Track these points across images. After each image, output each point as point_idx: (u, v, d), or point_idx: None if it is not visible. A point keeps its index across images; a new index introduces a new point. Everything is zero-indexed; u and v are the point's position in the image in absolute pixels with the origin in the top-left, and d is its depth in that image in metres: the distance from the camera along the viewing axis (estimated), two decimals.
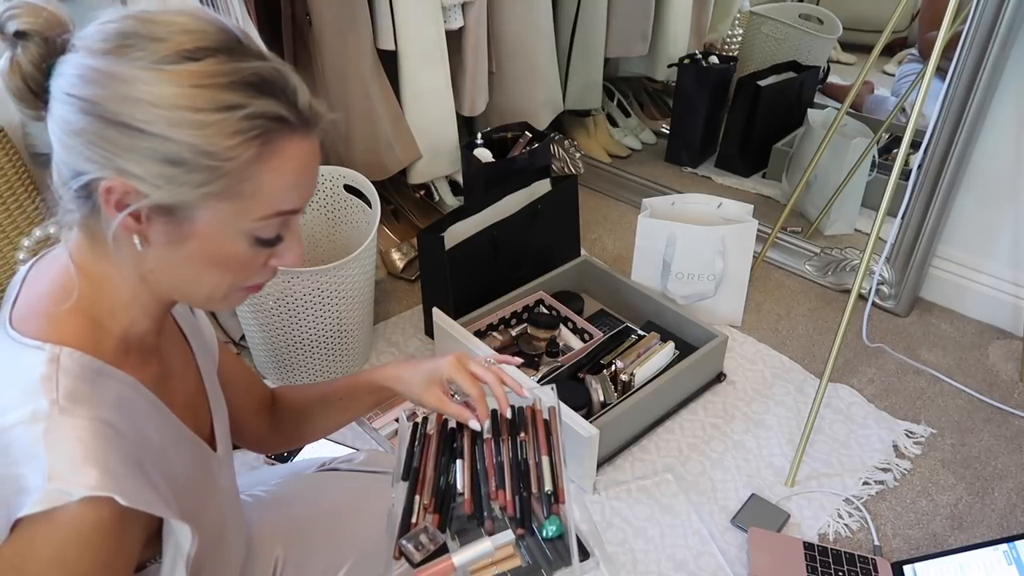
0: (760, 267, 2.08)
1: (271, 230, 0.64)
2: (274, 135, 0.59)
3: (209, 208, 0.60)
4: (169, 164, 0.57)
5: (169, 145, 0.56)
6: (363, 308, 1.63)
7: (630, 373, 1.53)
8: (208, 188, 0.58)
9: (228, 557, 0.81)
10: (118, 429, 0.59)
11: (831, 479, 1.46)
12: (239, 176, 0.59)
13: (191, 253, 0.62)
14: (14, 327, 0.62)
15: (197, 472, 0.72)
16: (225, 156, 0.57)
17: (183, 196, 0.58)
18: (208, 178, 0.58)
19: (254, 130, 0.58)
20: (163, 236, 0.61)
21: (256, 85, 0.58)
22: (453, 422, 0.89)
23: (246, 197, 0.60)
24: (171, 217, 0.60)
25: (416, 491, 0.82)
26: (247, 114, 0.57)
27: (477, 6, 1.96)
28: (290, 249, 0.68)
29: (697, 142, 2.59)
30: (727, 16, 2.98)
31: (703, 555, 1.31)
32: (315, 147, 0.64)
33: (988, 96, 1.67)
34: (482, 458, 0.85)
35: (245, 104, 0.57)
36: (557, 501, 0.81)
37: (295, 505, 1.02)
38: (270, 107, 0.58)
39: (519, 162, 1.89)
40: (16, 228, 1.35)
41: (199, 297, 0.67)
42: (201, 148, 0.57)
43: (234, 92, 0.57)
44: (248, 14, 1.53)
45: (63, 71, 0.58)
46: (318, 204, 1.72)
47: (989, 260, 1.88)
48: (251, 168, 0.59)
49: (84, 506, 0.55)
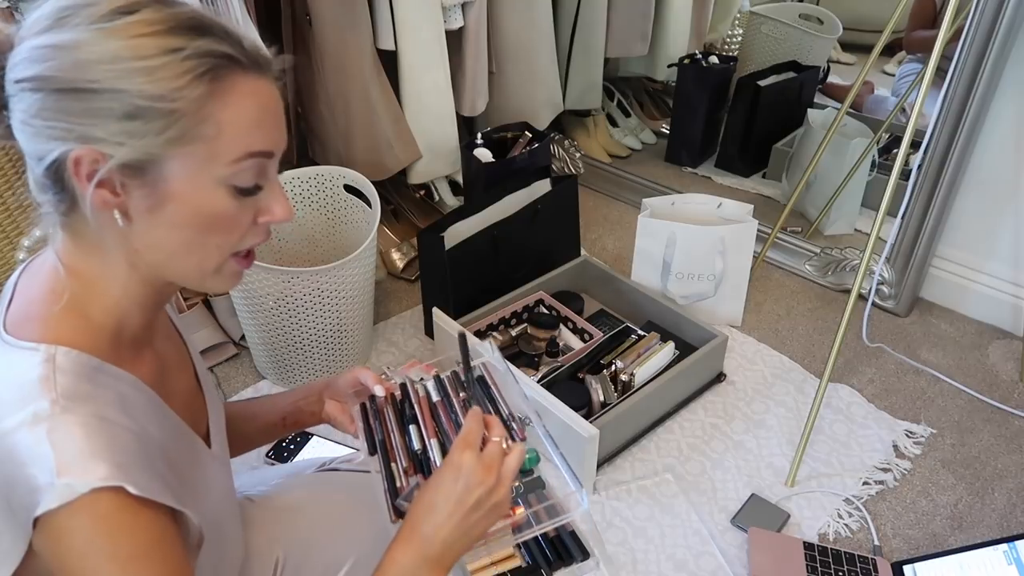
0: (760, 267, 2.08)
1: (247, 176, 0.64)
2: (223, 71, 0.60)
3: (177, 159, 0.60)
4: (127, 118, 0.58)
5: (123, 98, 0.57)
6: (363, 308, 1.63)
7: (630, 373, 1.53)
8: (169, 133, 0.59)
9: (226, 556, 0.81)
10: (121, 425, 0.59)
11: (831, 479, 1.46)
12: (196, 116, 0.59)
13: (173, 217, 0.62)
14: (8, 331, 0.62)
15: (195, 469, 0.72)
16: (176, 96, 0.58)
17: (148, 148, 0.59)
18: (166, 123, 0.58)
19: (201, 67, 0.58)
20: (142, 204, 0.61)
21: (195, 27, 0.59)
22: (399, 391, 0.89)
23: (209, 139, 0.60)
24: (144, 178, 0.60)
25: (391, 459, 0.82)
26: (190, 53, 0.58)
27: (477, 6, 1.95)
28: (276, 201, 0.67)
29: (697, 142, 2.59)
30: (727, 16, 2.98)
31: (703, 555, 1.31)
32: (272, 89, 0.64)
33: (988, 96, 1.67)
34: (438, 417, 0.86)
35: (186, 45, 0.58)
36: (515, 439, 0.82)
37: (295, 505, 1.02)
38: (213, 45, 0.59)
39: (519, 162, 1.89)
40: (16, 228, 1.35)
41: (191, 271, 0.67)
42: (152, 93, 0.57)
43: (174, 36, 0.58)
44: (248, 14, 1.53)
45: (11, 66, 0.59)
46: (318, 204, 1.73)
47: (989, 260, 1.88)
48: (207, 106, 0.59)
49: (97, 495, 0.55)
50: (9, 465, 0.56)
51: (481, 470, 0.69)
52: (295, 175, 1.67)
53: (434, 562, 0.70)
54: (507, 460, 0.72)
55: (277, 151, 0.66)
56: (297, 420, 0.96)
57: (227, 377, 1.67)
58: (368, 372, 0.89)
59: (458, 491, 0.69)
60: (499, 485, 0.70)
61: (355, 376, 0.90)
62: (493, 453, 0.71)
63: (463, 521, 0.69)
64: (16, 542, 0.58)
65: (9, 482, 0.56)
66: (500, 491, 0.70)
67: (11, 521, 0.57)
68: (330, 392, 0.93)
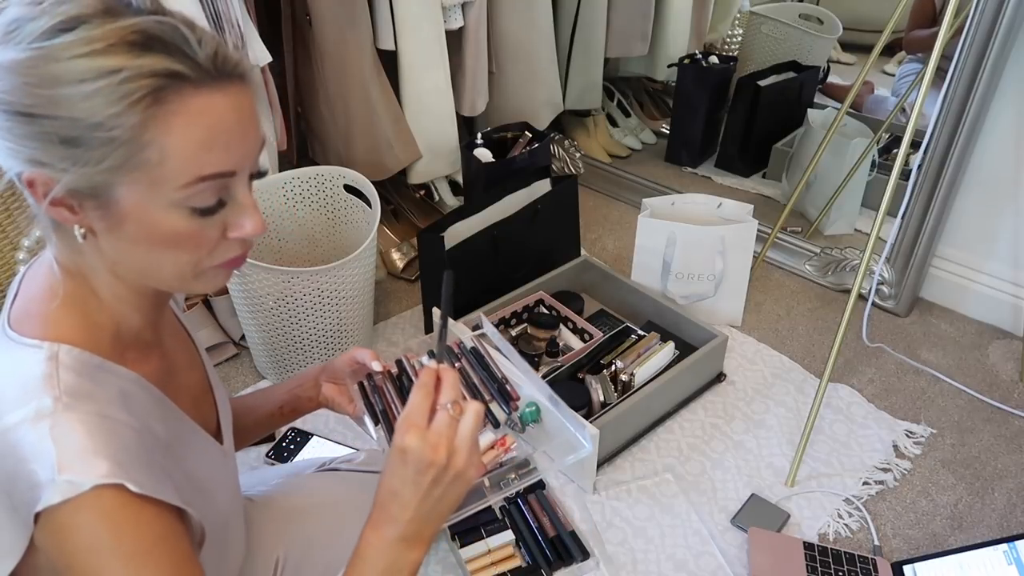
0: (760, 267, 2.08)
1: (204, 198, 0.60)
2: (166, 92, 0.55)
3: (124, 185, 0.57)
4: (67, 144, 0.55)
5: (60, 124, 0.54)
6: (363, 308, 1.63)
7: (630, 373, 1.53)
8: (109, 162, 0.56)
9: (229, 554, 0.81)
10: (123, 423, 0.60)
11: (831, 479, 1.46)
12: (137, 143, 0.55)
13: (133, 235, 0.60)
14: (12, 328, 0.62)
15: (204, 466, 0.73)
16: (113, 124, 0.54)
17: (91, 176, 0.56)
18: (105, 152, 0.55)
19: (139, 91, 0.54)
20: (101, 222, 0.60)
21: (139, 43, 0.54)
22: (395, 367, 0.89)
23: (154, 165, 0.56)
24: (97, 200, 0.58)
25: (393, 427, 0.81)
26: (128, 75, 0.54)
27: (477, 6, 1.95)
28: (245, 216, 0.63)
29: (697, 142, 2.59)
30: (727, 16, 2.98)
31: (703, 555, 1.31)
32: (233, 101, 0.59)
33: (988, 96, 1.67)
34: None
35: (125, 66, 0.53)
36: (512, 399, 0.83)
37: (295, 505, 1.02)
38: (157, 63, 0.54)
39: (519, 162, 1.89)
40: (16, 228, 1.35)
41: (167, 280, 0.65)
42: (88, 122, 0.54)
43: (113, 55, 0.53)
44: (248, 14, 1.53)
45: None
46: (318, 204, 1.73)
47: (989, 260, 1.87)
48: (148, 132, 0.55)
49: (99, 492, 0.55)
50: (11, 460, 0.56)
51: (428, 449, 0.64)
52: (295, 175, 1.67)
53: (413, 539, 0.67)
54: (460, 427, 0.66)
55: (240, 168, 0.61)
56: (295, 408, 0.96)
57: (227, 377, 1.67)
58: (365, 350, 0.88)
59: (410, 475, 0.64)
60: (453, 457, 0.65)
61: (351, 356, 0.89)
62: (439, 428, 0.65)
63: (427, 498, 0.65)
64: (17, 537, 0.58)
65: (11, 477, 0.57)
66: (457, 462, 0.65)
67: (12, 516, 0.58)
68: (326, 375, 0.93)
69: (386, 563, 0.66)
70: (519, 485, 0.80)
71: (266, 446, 1.48)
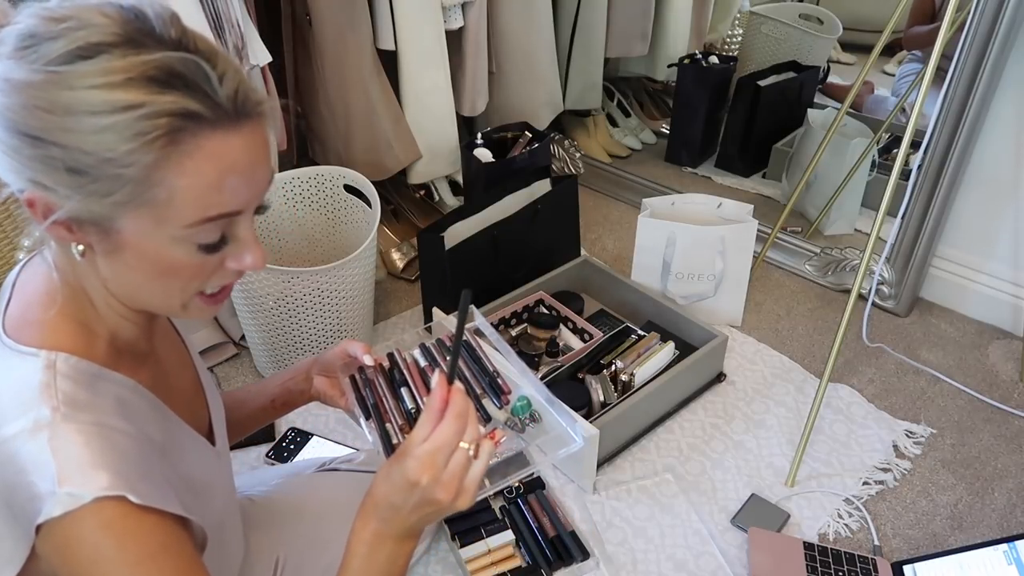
0: (760, 267, 2.08)
1: (209, 235, 0.59)
2: (183, 134, 0.53)
3: (128, 218, 0.56)
4: (73, 173, 0.53)
5: (68, 154, 0.52)
6: (363, 308, 1.63)
7: (630, 373, 1.53)
8: (116, 197, 0.54)
9: (227, 555, 0.81)
10: (121, 432, 0.59)
11: (831, 479, 1.46)
12: (147, 183, 0.54)
13: (132, 263, 0.59)
14: (8, 335, 0.62)
15: (199, 469, 0.73)
16: (125, 162, 0.52)
17: (95, 208, 0.55)
18: (113, 187, 0.54)
19: (156, 130, 0.52)
20: (100, 245, 0.59)
21: (160, 80, 0.52)
22: (387, 361, 0.90)
23: (161, 204, 0.55)
24: (99, 227, 0.57)
25: (384, 420, 0.82)
26: (147, 112, 0.52)
27: (477, 6, 1.95)
28: (247, 251, 0.63)
29: (697, 142, 2.59)
30: (727, 16, 2.98)
31: (703, 555, 1.31)
32: (248, 141, 0.57)
33: (988, 96, 1.67)
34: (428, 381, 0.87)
35: (144, 102, 0.51)
36: (504, 392, 0.84)
37: (295, 505, 1.02)
38: (177, 103, 0.52)
39: (519, 162, 1.89)
40: (16, 228, 1.35)
41: (156, 306, 0.65)
42: (99, 156, 0.52)
43: (133, 89, 0.51)
44: (248, 14, 1.53)
45: None
46: (318, 204, 1.73)
47: (989, 260, 1.87)
48: (158, 172, 0.54)
49: (100, 504, 0.55)
50: (10, 471, 0.56)
51: (439, 489, 0.64)
52: (295, 175, 1.67)
53: (403, 536, 0.68)
54: (472, 470, 0.66)
55: (247, 207, 0.61)
56: (287, 401, 0.96)
57: (227, 377, 1.67)
58: (357, 344, 0.88)
59: (414, 501, 0.65)
60: (459, 498, 0.65)
61: (343, 348, 0.89)
62: (455, 471, 0.64)
63: (421, 520, 0.67)
64: (18, 547, 0.58)
65: (10, 488, 0.56)
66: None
67: (13, 526, 0.58)
68: (318, 368, 0.93)
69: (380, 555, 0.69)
70: (513, 478, 0.81)
71: (266, 446, 1.48)
